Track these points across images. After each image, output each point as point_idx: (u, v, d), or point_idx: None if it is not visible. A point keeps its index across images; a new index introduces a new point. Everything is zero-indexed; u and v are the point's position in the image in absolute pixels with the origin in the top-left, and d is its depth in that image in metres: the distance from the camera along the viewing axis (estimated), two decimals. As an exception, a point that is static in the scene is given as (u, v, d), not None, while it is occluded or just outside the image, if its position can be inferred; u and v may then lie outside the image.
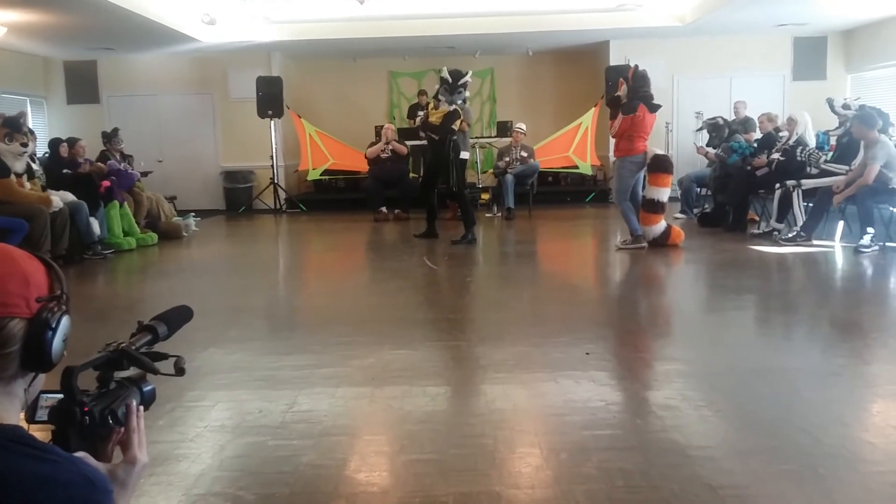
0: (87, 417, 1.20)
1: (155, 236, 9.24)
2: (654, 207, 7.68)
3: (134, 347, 1.32)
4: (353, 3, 8.93)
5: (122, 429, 1.27)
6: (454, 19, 11.32)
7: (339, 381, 3.85)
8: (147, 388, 1.36)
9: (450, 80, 8.39)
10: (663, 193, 7.70)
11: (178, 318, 1.47)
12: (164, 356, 1.35)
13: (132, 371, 1.33)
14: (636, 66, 7.74)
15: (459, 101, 8.50)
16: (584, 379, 3.71)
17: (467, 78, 8.52)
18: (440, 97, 8.47)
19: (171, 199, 10.87)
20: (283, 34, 11.74)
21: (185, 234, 9.74)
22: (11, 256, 1.15)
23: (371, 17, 10.34)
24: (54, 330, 1.14)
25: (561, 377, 3.76)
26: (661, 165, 7.62)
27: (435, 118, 8.50)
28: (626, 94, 7.65)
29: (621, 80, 7.94)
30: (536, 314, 5.40)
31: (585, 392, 3.55)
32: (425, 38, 11.88)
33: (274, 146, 12.58)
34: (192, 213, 10.34)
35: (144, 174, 10.43)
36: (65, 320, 1.17)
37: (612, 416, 3.27)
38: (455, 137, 8.48)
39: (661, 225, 7.72)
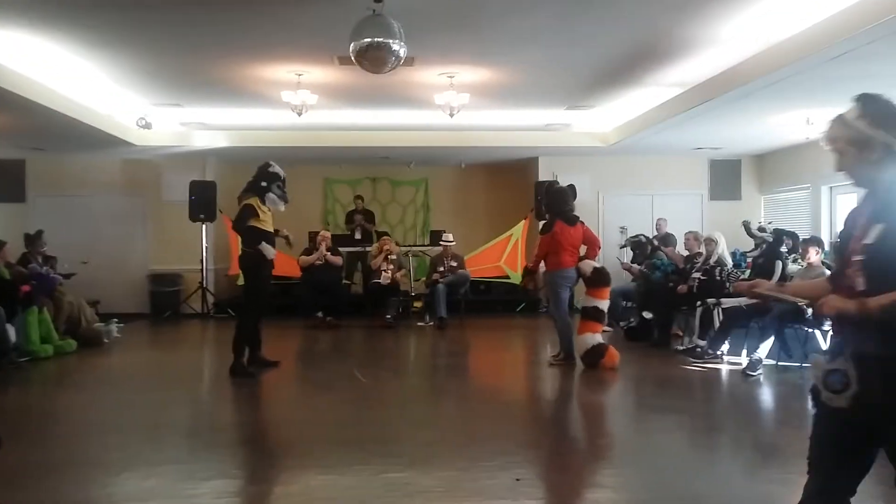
0: None
1: (74, 343, 8.89)
2: (596, 316, 7.69)
3: None
4: (290, 113, 9.08)
5: None
6: (389, 132, 11.65)
7: (262, 512, 3.71)
8: None
9: (283, 175, 7.42)
10: (604, 304, 7.80)
11: None
12: None
13: None
14: (550, 184, 8.00)
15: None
16: (513, 509, 3.67)
17: None
18: (273, 195, 7.29)
19: (94, 304, 10.53)
20: (219, 140, 11.85)
21: (106, 340, 9.40)
22: None
23: (308, 125, 10.53)
24: None
25: (490, 507, 3.71)
26: (600, 279, 7.70)
27: (271, 224, 7.39)
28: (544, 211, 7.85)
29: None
30: (466, 434, 5.35)
31: (514, 524, 3.50)
32: (360, 149, 12.15)
33: (204, 250, 12.45)
34: (115, 320, 10.00)
35: (67, 276, 10.11)
36: None
37: (541, 551, 3.22)
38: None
39: (597, 336, 7.73)
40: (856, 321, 2.27)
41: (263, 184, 7.31)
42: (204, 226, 12.30)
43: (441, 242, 11.66)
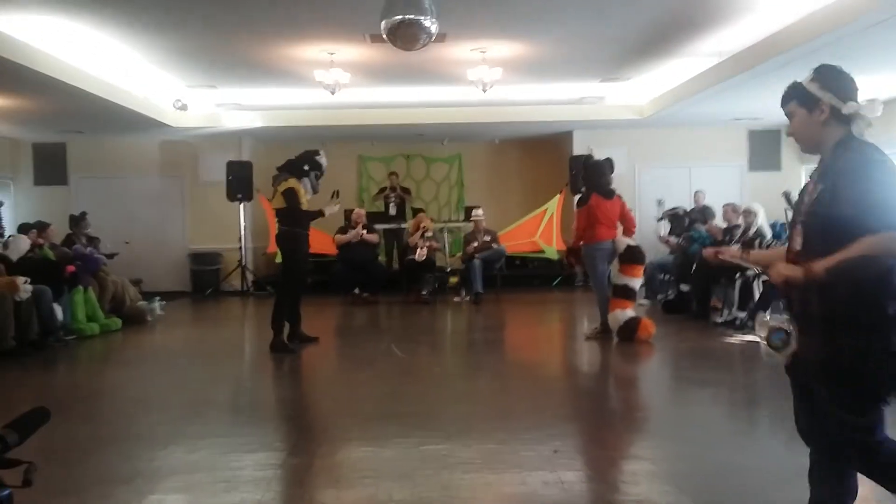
0: None
1: (119, 321, 9.11)
2: (626, 293, 7.68)
3: None
4: (323, 91, 9.12)
5: None
6: (423, 108, 11.63)
7: (305, 483, 3.79)
8: (3, 493, 1.38)
9: (324, 168, 7.59)
10: (635, 282, 7.78)
11: (30, 423, 1.49)
12: (16, 463, 1.38)
13: None
14: (587, 158, 7.95)
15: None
16: (552, 480, 3.69)
17: None
18: (308, 181, 7.43)
19: (137, 283, 10.77)
20: (254, 120, 11.96)
21: (149, 318, 9.62)
22: None
23: (341, 104, 10.57)
24: None
25: (529, 478, 3.74)
26: (633, 257, 7.68)
27: (306, 205, 7.43)
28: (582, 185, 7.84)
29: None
30: (504, 407, 5.38)
31: (554, 494, 3.53)
32: (394, 127, 12.16)
33: (242, 229, 12.63)
34: (158, 297, 10.23)
35: (111, 256, 10.36)
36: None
37: (580, 521, 3.25)
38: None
39: (628, 312, 7.71)
40: (802, 285, 2.34)
41: (305, 167, 7.44)
42: (242, 205, 12.47)
43: (472, 218, 11.68)
